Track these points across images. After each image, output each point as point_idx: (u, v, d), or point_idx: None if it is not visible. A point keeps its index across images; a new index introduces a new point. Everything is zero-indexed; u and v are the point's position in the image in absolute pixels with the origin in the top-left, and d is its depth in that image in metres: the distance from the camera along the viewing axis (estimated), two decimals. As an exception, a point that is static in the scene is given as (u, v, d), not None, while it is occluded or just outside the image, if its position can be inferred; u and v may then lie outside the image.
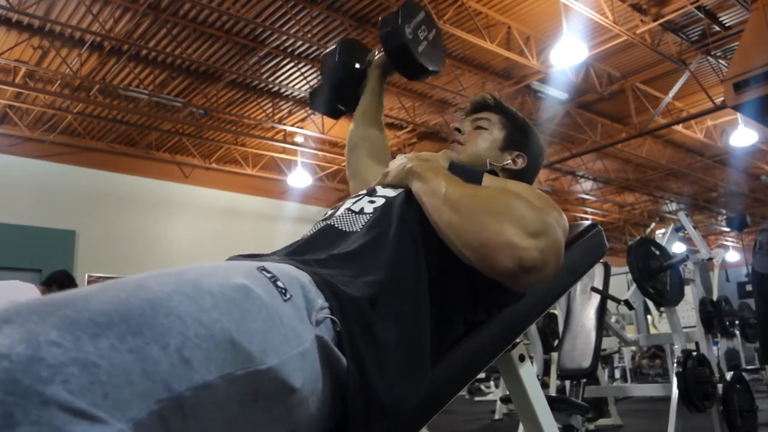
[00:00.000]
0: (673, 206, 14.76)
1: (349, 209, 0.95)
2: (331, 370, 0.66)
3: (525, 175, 1.17)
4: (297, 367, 0.60)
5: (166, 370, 0.48)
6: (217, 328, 0.53)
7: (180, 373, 0.49)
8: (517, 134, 1.19)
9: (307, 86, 7.97)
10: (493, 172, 1.10)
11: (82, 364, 0.43)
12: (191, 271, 0.58)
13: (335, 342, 0.66)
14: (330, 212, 0.99)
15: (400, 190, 0.97)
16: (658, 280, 3.17)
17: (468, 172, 1.02)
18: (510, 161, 1.16)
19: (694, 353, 3.10)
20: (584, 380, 3.51)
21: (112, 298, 0.49)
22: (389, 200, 0.94)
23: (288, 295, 0.64)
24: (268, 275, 0.64)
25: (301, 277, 0.69)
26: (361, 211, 0.94)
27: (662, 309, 5.85)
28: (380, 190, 1.00)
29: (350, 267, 0.78)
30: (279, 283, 0.64)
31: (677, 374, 2.92)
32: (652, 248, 3.27)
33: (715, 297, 4.33)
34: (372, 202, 0.96)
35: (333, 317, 0.67)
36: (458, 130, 1.19)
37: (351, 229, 0.90)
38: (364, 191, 1.02)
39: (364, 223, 0.90)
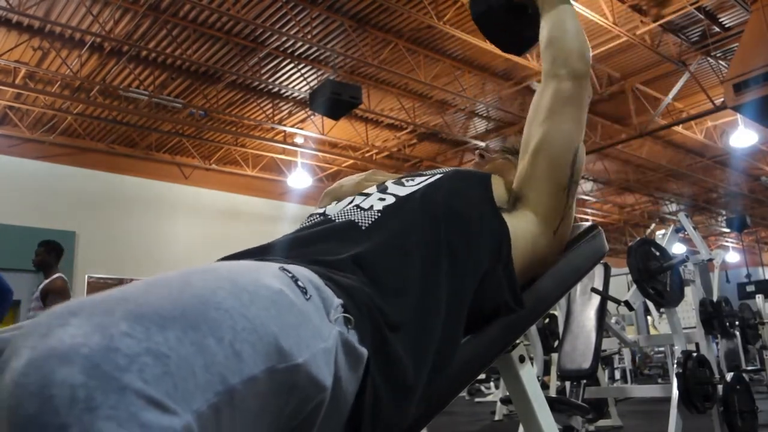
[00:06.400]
0: (673, 207, 14.77)
1: (357, 206, 0.91)
2: (353, 366, 0.66)
3: None
4: (323, 363, 0.61)
5: (221, 362, 0.49)
6: (258, 322, 0.54)
7: (233, 365, 0.50)
8: None
9: (307, 87, 7.97)
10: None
11: (154, 355, 0.44)
12: (222, 268, 0.60)
13: (357, 339, 0.67)
14: (333, 205, 0.96)
15: (412, 188, 0.94)
16: (658, 281, 3.17)
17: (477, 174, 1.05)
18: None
19: (695, 354, 3.10)
20: (584, 381, 3.51)
21: (166, 294, 0.51)
22: (400, 200, 0.91)
23: (308, 295, 0.65)
24: (290, 275, 0.65)
25: (313, 278, 0.69)
26: (371, 209, 0.90)
27: (662, 310, 5.85)
28: (391, 187, 0.96)
29: (365, 275, 0.77)
30: (300, 283, 0.65)
31: (677, 375, 2.92)
32: (652, 249, 3.27)
33: (715, 298, 4.32)
34: (382, 199, 0.92)
35: (348, 315, 0.67)
36: (485, 148, 1.24)
37: (362, 226, 0.87)
38: (374, 188, 0.98)
39: (374, 221, 0.87)
